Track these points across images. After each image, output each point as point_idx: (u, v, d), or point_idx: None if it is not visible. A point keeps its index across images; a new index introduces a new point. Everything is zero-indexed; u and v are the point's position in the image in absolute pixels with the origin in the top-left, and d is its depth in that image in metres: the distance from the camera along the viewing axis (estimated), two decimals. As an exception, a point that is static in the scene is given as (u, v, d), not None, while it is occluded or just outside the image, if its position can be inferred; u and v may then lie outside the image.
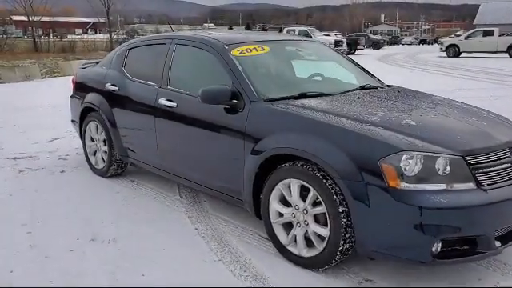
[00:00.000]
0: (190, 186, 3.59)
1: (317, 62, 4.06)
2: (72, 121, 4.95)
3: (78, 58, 23.68)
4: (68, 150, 5.49)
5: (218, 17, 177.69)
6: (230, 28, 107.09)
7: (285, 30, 27.39)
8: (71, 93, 4.89)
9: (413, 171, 2.30)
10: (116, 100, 4.09)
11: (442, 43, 28.39)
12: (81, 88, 4.67)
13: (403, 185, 2.29)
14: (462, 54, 25.37)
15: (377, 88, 3.53)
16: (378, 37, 49.39)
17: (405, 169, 2.30)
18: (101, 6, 40.52)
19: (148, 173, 4.15)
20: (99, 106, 4.24)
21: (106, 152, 4.36)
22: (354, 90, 3.34)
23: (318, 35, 26.79)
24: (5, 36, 33.23)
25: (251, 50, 3.34)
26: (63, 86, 11.73)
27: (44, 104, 8.91)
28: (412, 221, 2.26)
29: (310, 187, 2.58)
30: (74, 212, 3.60)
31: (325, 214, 2.55)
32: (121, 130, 4.09)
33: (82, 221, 3.42)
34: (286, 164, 2.70)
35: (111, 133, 4.16)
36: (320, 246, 2.59)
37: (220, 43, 3.33)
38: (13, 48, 30.01)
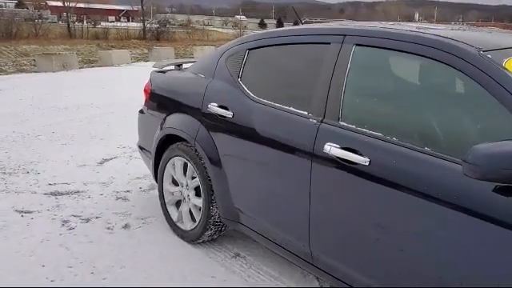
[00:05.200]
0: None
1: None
2: (140, 148, 3.40)
3: (112, 46, 22.53)
4: (127, 180, 3.96)
5: (250, 9, 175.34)
6: (262, 21, 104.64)
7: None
8: (142, 106, 3.34)
9: None
10: (227, 131, 2.50)
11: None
12: (159, 102, 3.10)
13: None
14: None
15: None
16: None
17: None
18: (135, -7, 39.51)
19: (257, 242, 2.54)
20: (194, 136, 2.67)
21: (198, 207, 2.80)
22: None
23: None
24: (40, 21, 32.54)
25: (534, 64, 1.69)
26: (105, 80, 10.32)
27: (86, 103, 7.44)
28: None
29: None
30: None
31: None
32: (231, 178, 2.51)
33: None
34: None
35: (213, 180, 2.59)
36: None
37: (470, 47, 1.69)
38: (47, 33, 29.23)
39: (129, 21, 67.26)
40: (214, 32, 43.13)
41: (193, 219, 2.86)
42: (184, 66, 3.29)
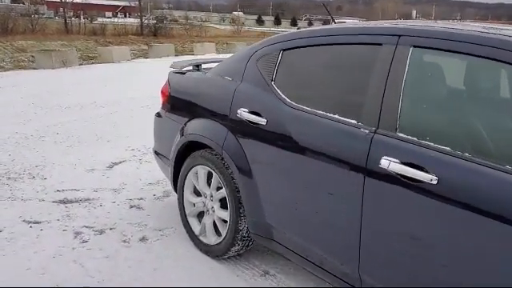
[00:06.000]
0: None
1: None
2: (156, 153, 3.18)
3: (110, 42, 22.14)
4: (139, 187, 3.74)
5: (247, 5, 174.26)
6: (259, 18, 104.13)
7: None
8: (159, 109, 3.11)
9: None
10: (259, 139, 2.28)
11: None
12: (179, 106, 2.88)
13: None
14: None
15: None
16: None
17: None
18: (132, -11, 39.10)
19: (286, 258, 2.32)
20: (221, 143, 2.45)
21: (223, 220, 2.58)
22: None
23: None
24: (36, 16, 32.11)
25: None
26: (107, 77, 10.02)
27: (89, 101, 7.19)
28: None
29: None
30: None
31: None
32: (263, 191, 2.29)
33: None
34: None
35: (243, 192, 2.37)
36: None
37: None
38: (44, 28, 28.81)
39: (126, 16, 66.69)
40: (211, 28, 42.78)
41: (217, 233, 2.65)
42: (203, 65, 3.07)
